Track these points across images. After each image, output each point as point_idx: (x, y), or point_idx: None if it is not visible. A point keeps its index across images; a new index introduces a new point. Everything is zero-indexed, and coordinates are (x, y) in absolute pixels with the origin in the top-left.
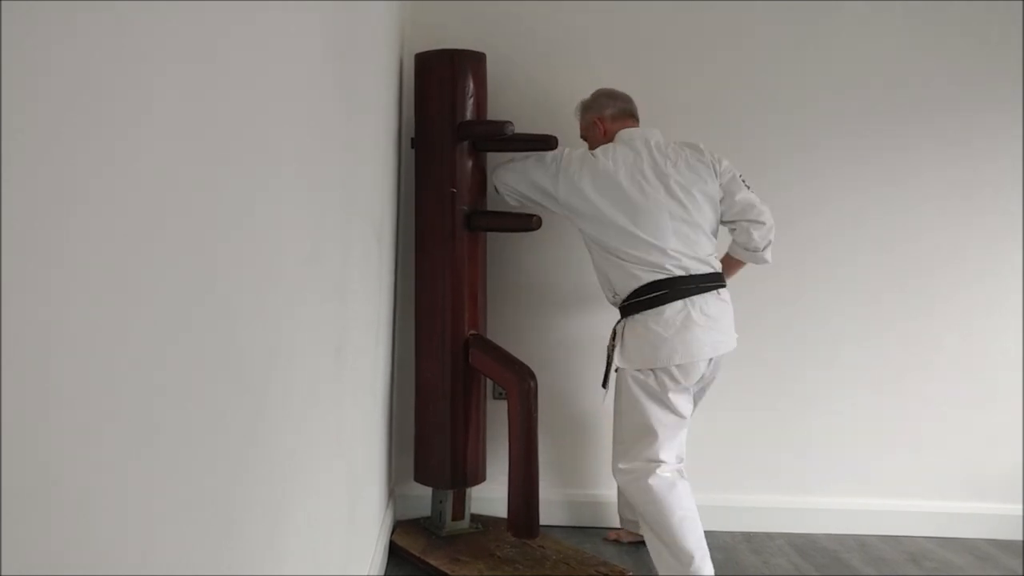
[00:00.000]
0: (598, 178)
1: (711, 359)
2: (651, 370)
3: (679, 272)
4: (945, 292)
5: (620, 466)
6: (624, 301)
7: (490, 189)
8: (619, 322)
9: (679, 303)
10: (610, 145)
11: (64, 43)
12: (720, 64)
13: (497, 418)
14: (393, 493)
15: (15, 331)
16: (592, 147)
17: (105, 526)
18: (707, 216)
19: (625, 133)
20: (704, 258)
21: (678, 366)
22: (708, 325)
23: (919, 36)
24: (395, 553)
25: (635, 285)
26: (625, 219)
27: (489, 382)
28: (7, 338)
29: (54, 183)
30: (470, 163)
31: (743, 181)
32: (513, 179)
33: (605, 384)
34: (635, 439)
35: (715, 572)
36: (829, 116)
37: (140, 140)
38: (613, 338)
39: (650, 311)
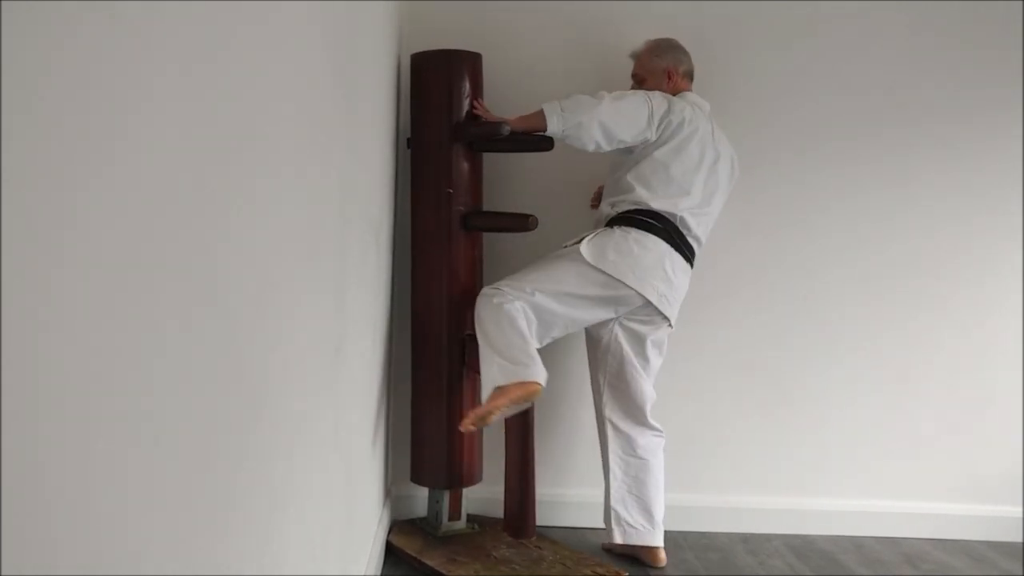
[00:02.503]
0: (685, 123)
1: (646, 303)
2: (605, 274)
3: (679, 226)
4: (944, 292)
5: (493, 287)
6: (622, 212)
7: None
8: (596, 232)
9: (665, 244)
10: (683, 100)
11: (65, 43)
12: (718, 64)
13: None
14: (390, 493)
15: (15, 330)
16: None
17: (102, 526)
18: (720, 203)
19: (691, 96)
20: (698, 234)
21: (624, 286)
22: (667, 280)
23: (918, 36)
24: (392, 553)
25: (643, 206)
26: (677, 162)
27: None
28: (7, 338)
29: (55, 184)
30: (467, 163)
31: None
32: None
33: None
34: (533, 284)
35: (711, 573)
36: (828, 117)
37: (140, 141)
38: (578, 242)
39: (639, 230)
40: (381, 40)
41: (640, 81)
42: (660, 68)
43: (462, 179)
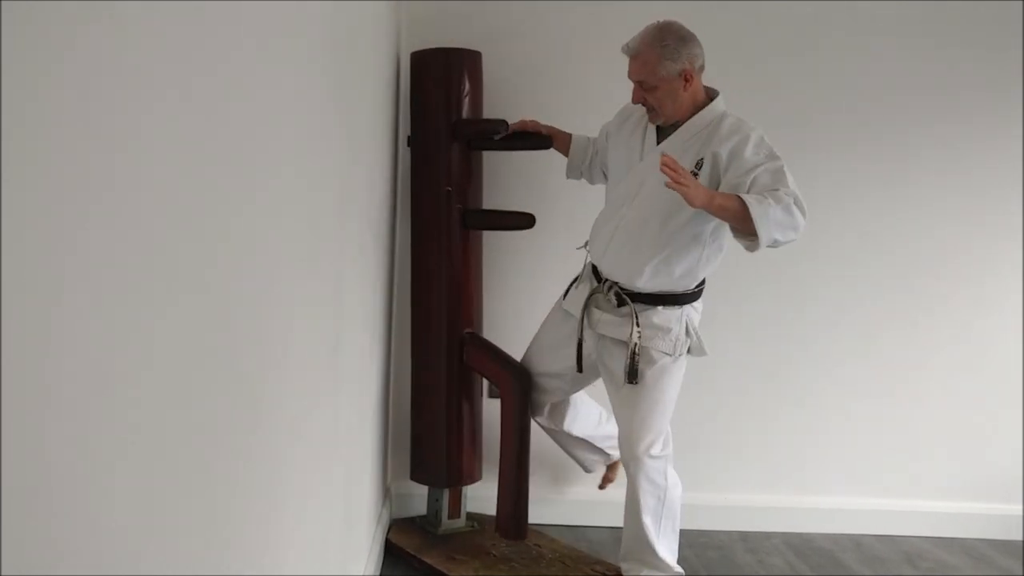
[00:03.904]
0: None
1: None
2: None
3: None
4: (944, 292)
5: (653, 452)
6: (698, 285)
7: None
8: (671, 308)
9: None
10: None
11: (65, 44)
12: (718, 67)
13: (493, 417)
14: (389, 491)
15: (15, 331)
16: (662, 104)
17: (102, 526)
18: None
19: (723, 104)
20: None
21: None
22: None
23: (918, 37)
24: (391, 551)
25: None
26: None
27: (484, 381)
28: (7, 338)
29: (57, 184)
30: (466, 162)
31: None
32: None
33: (637, 378)
34: (667, 424)
35: (710, 572)
36: (827, 118)
37: (140, 143)
38: (635, 324)
39: (702, 294)
40: (380, 39)
41: (649, 90)
42: (674, 73)
43: (461, 177)
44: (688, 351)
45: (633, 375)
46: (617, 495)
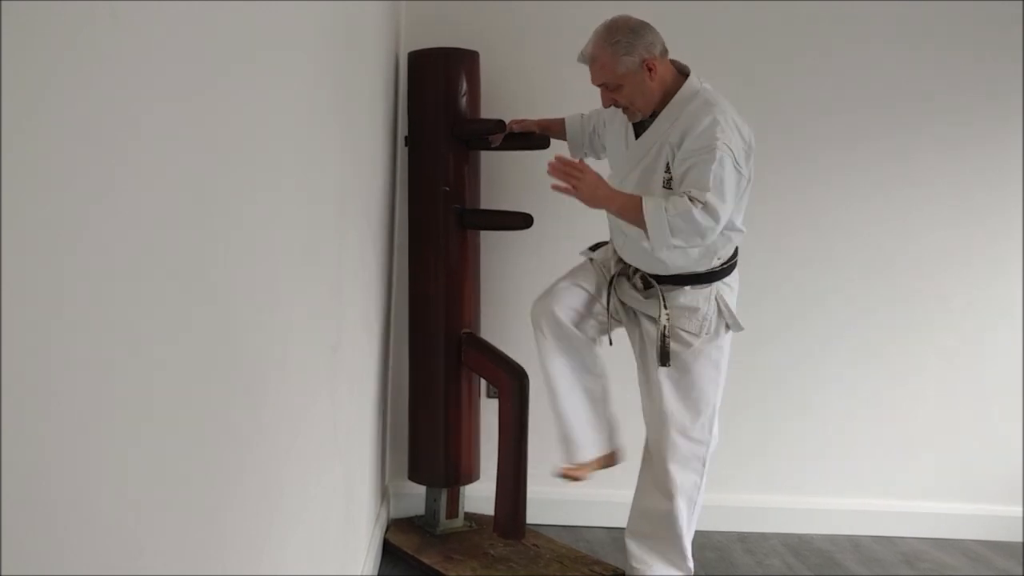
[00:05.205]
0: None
1: None
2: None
3: None
4: (943, 294)
5: (694, 434)
6: (726, 262)
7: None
8: (699, 287)
9: None
10: (728, 106)
11: (66, 44)
12: (717, 68)
13: (491, 417)
14: (387, 491)
15: (15, 331)
16: (632, 100)
17: (102, 526)
18: None
19: (696, 83)
20: None
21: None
22: None
23: (917, 39)
24: (389, 551)
25: (739, 241)
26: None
27: (483, 380)
28: (7, 338)
29: (57, 185)
30: (463, 161)
31: None
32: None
33: (669, 360)
34: (705, 406)
35: (709, 572)
36: (826, 121)
37: (142, 144)
38: (663, 306)
39: (735, 267)
40: (379, 38)
41: (616, 90)
42: (634, 66)
43: (459, 177)
44: (727, 328)
45: (664, 358)
46: (616, 495)
